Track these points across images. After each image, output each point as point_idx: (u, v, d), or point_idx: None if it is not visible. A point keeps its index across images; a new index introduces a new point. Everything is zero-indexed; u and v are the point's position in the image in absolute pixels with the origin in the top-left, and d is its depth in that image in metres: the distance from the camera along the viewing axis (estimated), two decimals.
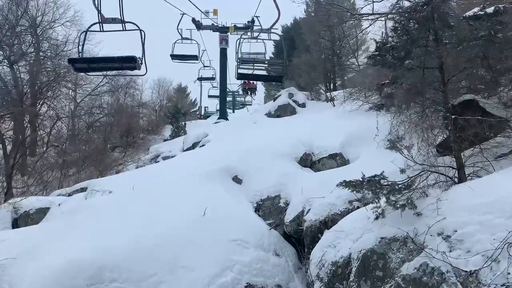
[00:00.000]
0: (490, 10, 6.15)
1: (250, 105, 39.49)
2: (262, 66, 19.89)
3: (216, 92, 35.49)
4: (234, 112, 42.36)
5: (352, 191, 6.76)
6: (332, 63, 26.69)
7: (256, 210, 9.68)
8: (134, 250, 6.76)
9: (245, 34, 20.68)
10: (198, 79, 32.03)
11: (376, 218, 6.64)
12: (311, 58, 25.99)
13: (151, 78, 40.78)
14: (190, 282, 6.71)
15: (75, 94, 28.15)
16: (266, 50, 21.08)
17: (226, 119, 24.45)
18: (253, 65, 18.75)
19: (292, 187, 9.81)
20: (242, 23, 24.13)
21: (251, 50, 20.75)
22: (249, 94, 35.93)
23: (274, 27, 19.64)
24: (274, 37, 19.69)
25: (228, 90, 34.15)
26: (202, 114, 41.59)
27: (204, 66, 30.95)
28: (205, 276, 6.87)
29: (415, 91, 7.01)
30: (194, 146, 18.63)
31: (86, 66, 9.60)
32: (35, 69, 26.71)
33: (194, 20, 23.62)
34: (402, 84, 7.14)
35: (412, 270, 5.30)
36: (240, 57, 17.72)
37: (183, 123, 24.41)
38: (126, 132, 23.90)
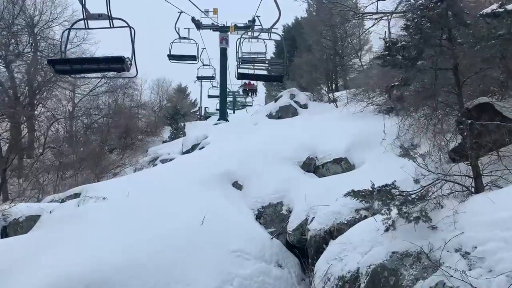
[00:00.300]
0: (510, 7, 5.70)
1: (251, 106, 39.04)
2: (263, 66, 19.75)
3: (216, 92, 34.97)
4: (234, 112, 41.92)
5: (360, 201, 6.30)
6: (334, 63, 26.23)
7: (257, 217, 9.23)
8: (127, 264, 6.31)
9: (245, 33, 20.24)
10: (197, 78, 31.20)
11: (386, 230, 6.19)
12: (313, 58, 25.53)
13: (150, 78, 40.34)
14: None
15: (74, 95, 27.74)
16: (266, 50, 20.74)
17: (226, 120, 23.99)
18: (253, 65, 18.63)
19: (294, 194, 9.36)
20: (243, 23, 23.66)
21: (252, 49, 20.33)
22: (249, 95, 35.51)
23: (274, 27, 19.45)
24: (275, 37, 19.39)
25: (228, 90, 33.68)
26: (202, 114, 41.10)
27: (203, 65, 30.12)
28: None
29: (428, 94, 6.56)
30: (193, 148, 18.18)
31: (68, 67, 8.53)
32: (33, 69, 26.31)
33: (193, 19, 23.14)
34: (413, 86, 6.68)
35: None
36: (240, 56, 17.48)
37: (183, 124, 23.94)
38: (124, 133, 23.40)
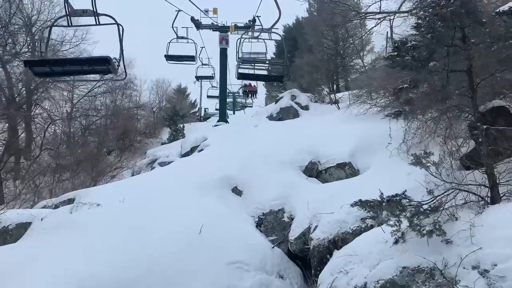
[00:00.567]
0: None
1: (251, 107, 38.61)
2: (263, 66, 19.55)
3: (215, 92, 34.49)
4: (234, 113, 41.52)
5: (368, 212, 5.91)
6: (335, 64, 25.84)
7: (257, 225, 8.84)
8: (119, 279, 5.92)
9: (245, 33, 19.98)
10: (195, 78, 30.39)
11: (395, 243, 5.81)
12: (314, 59, 25.15)
13: (150, 79, 39.90)
14: None
15: (72, 96, 27.36)
16: (267, 50, 20.49)
17: (226, 122, 23.57)
18: (253, 65, 18.50)
19: (297, 200, 8.97)
20: (243, 23, 23.26)
21: (252, 50, 20.07)
22: (249, 96, 35.19)
23: (275, 27, 19.33)
24: (275, 37, 19.27)
25: (228, 91, 33.24)
26: (201, 115, 40.66)
27: (202, 65, 29.26)
28: None
29: (439, 97, 6.17)
30: (192, 150, 17.76)
31: (47, 69, 7.74)
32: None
33: (193, 19, 22.72)
34: (423, 88, 6.29)
35: None
36: (240, 57, 17.47)
37: (182, 126, 23.51)
38: (122, 135, 22.97)
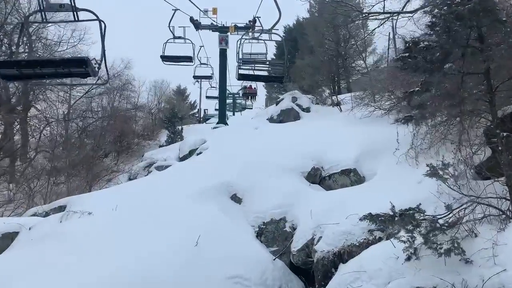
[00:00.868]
0: None
1: (251, 108, 38.18)
2: (263, 67, 19.32)
3: (214, 92, 33.98)
4: (234, 114, 41.10)
5: (378, 226, 5.46)
6: (336, 65, 25.42)
7: (257, 235, 8.38)
8: None
9: (246, 34, 19.63)
10: (193, 78, 29.49)
11: (407, 259, 5.35)
12: (315, 60, 24.72)
13: (148, 80, 39.45)
14: None
15: (70, 96, 26.92)
16: (267, 51, 20.20)
17: (226, 124, 23.08)
18: (253, 65, 18.31)
19: (299, 209, 8.52)
20: (243, 23, 22.81)
21: (252, 50, 19.74)
22: (249, 98, 34.82)
23: (275, 28, 19.07)
24: (275, 37, 19.04)
25: (228, 92, 32.76)
26: (201, 117, 40.20)
27: (200, 64, 28.04)
28: None
29: (454, 101, 5.73)
30: (190, 153, 17.24)
31: (16, 72, 6.81)
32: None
33: (192, 19, 22.21)
34: (436, 92, 5.85)
35: None
36: (241, 57, 17.36)
37: (180, 128, 23.03)
38: (119, 137, 22.50)
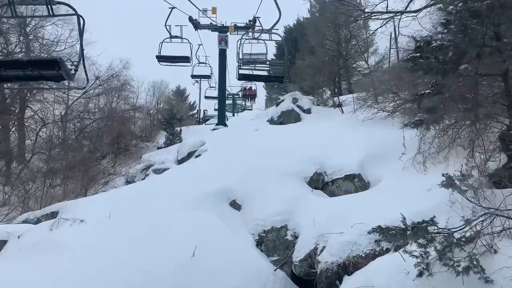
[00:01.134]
0: None
1: (251, 110, 37.84)
2: (264, 67, 19.15)
3: (213, 92, 33.50)
4: (234, 115, 40.73)
5: (389, 241, 5.07)
6: (338, 66, 25.03)
7: (257, 244, 7.99)
8: None
9: (246, 34, 19.33)
10: (191, 77, 28.73)
11: (419, 275, 4.96)
12: (316, 60, 24.34)
13: (147, 80, 39.05)
14: None
15: (68, 97, 26.54)
16: (267, 51, 19.90)
17: (225, 125, 22.69)
18: (254, 66, 18.18)
19: (301, 216, 8.13)
20: (243, 23, 22.45)
21: (252, 50, 19.45)
22: (249, 100, 34.55)
23: (275, 28, 18.87)
24: (276, 37, 18.85)
25: (227, 92, 32.35)
26: (201, 117, 39.78)
27: (199, 63, 27.32)
28: None
29: (469, 105, 5.36)
30: (189, 155, 16.85)
31: None
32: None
33: (191, 18, 21.82)
34: (449, 94, 5.48)
35: None
36: (241, 57, 17.33)
37: (179, 129, 22.61)
38: (117, 138, 22.07)
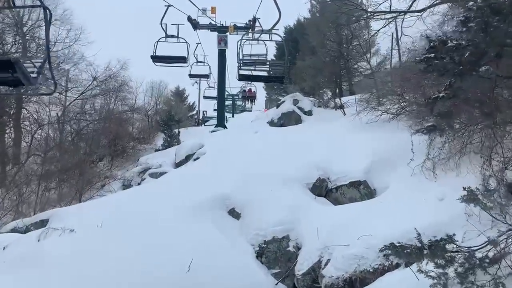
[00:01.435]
0: None
1: (250, 111, 37.49)
2: (264, 67, 18.97)
3: (212, 92, 32.99)
4: (233, 116, 40.32)
5: (403, 259, 4.62)
6: (339, 67, 24.61)
7: (258, 255, 7.55)
8: None
9: (246, 34, 19.06)
10: (189, 76, 28.02)
11: None
12: (317, 61, 23.92)
13: (146, 81, 38.56)
14: None
15: (65, 98, 26.11)
16: (267, 52, 19.67)
17: (224, 127, 22.24)
18: (254, 67, 17.97)
19: (304, 226, 7.70)
20: (243, 23, 22.04)
21: (252, 51, 19.21)
22: (248, 101, 34.27)
23: (275, 28, 18.76)
24: (276, 38, 18.73)
25: (227, 93, 31.89)
26: (200, 118, 39.31)
27: (197, 62, 26.59)
28: None
29: (487, 109, 4.93)
30: (187, 158, 16.40)
31: None
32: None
33: (190, 18, 21.37)
34: (466, 98, 5.05)
35: None
36: (241, 58, 17.36)
37: (177, 131, 22.15)
38: (114, 140, 21.62)
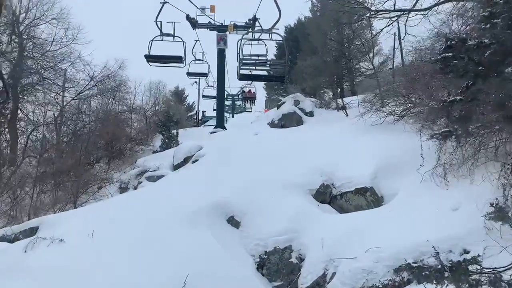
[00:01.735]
0: None
1: (250, 111, 37.13)
2: (264, 68, 18.74)
3: (211, 92, 32.48)
4: (233, 117, 39.89)
5: (420, 281, 4.18)
6: (340, 67, 24.18)
7: (258, 267, 7.11)
8: None
9: (246, 34, 18.77)
10: (187, 75, 27.36)
11: None
12: (318, 61, 23.50)
13: (145, 81, 38.18)
14: None
15: (63, 98, 25.69)
16: (267, 52, 19.42)
17: (224, 128, 21.79)
18: (254, 67, 17.71)
19: (307, 235, 7.26)
20: (243, 22, 21.64)
21: (253, 51, 18.95)
22: (248, 102, 33.98)
23: (275, 27, 18.48)
24: (276, 37, 18.39)
25: (226, 93, 31.45)
26: (199, 119, 38.83)
27: (195, 60, 26.14)
28: None
29: (508, 114, 4.50)
30: (185, 161, 15.97)
31: None
32: (18, 69, 24.36)
33: (188, 17, 20.91)
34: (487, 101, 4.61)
35: None
36: (242, 58, 17.12)
37: (175, 132, 21.68)
38: (111, 142, 21.15)
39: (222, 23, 21.78)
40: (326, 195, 8.61)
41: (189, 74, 26.82)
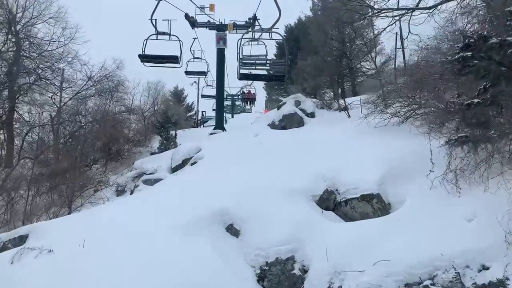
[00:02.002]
0: None
1: (250, 112, 36.84)
2: (264, 68, 18.54)
3: (210, 91, 32.07)
4: (233, 117, 39.52)
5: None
6: (342, 67, 23.81)
7: (259, 279, 6.69)
8: None
9: (246, 33, 18.49)
10: (185, 73, 26.35)
11: None
12: (318, 61, 23.14)
13: (144, 81, 37.78)
14: None
15: (60, 99, 25.30)
16: (267, 52, 19.31)
17: (223, 130, 21.38)
18: (255, 67, 17.45)
19: (311, 245, 6.85)
20: (242, 21, 21.28)
21: (252, 51, 18.74)
22: (248, 103, 33.75)
23: (275, 27, 18.30)
24: (276, 36, 18.21)
25: (226, 93, 31.06)
26: (199, 119, 38.42)
27: (194, 58, 25.74)
28: None
29: None
30: (184, 163, 15.61)
31: None
32: (15, 68, 24.00)
33: (187, 16, 20.53)
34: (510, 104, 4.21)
35: None
36: (242, 57, 17.16)
37: (174, 134, 21.28)
38: (108, 143, 20.75)
39: (221, 22, 21.43)
40: (330, 202, 8.19)
41: (187, 72, 26.37)
